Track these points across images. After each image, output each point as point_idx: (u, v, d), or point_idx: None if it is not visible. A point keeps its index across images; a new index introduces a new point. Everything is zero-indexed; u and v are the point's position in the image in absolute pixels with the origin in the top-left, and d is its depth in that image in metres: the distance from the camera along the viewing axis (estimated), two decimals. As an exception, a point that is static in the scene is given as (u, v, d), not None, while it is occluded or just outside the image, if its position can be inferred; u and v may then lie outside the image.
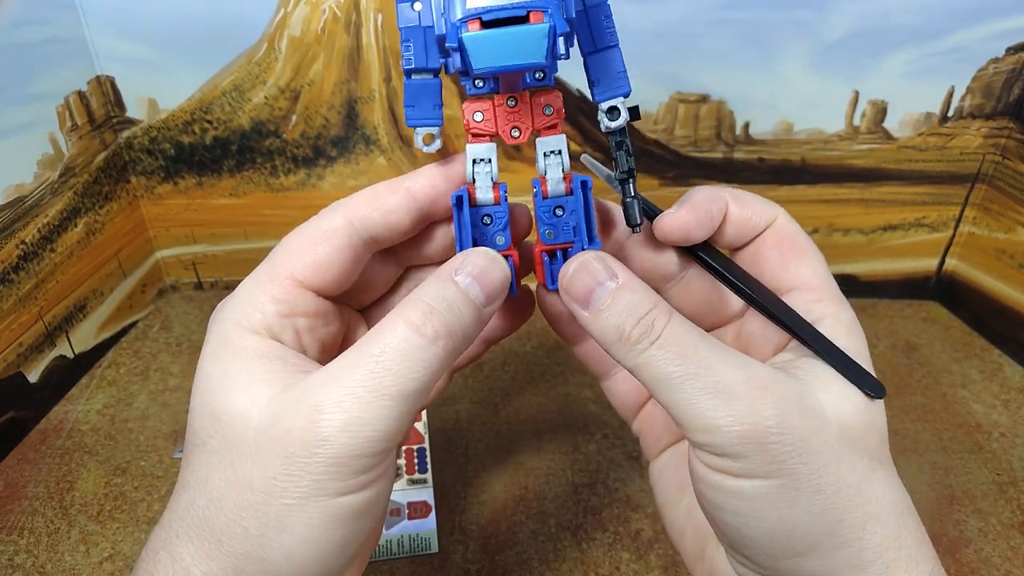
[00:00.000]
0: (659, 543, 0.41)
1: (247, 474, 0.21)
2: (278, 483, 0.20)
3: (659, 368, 0.22)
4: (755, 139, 0.57)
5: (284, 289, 0.24)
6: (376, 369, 0.21)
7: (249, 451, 0.21)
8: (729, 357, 0.22)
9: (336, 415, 0.20)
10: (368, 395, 0.21)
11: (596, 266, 0.24)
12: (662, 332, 0.22)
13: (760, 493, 0.21)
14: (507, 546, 0.41)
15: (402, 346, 0.21)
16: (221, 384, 0.22)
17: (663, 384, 0.22)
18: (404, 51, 0.24)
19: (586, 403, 0.52)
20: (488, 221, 0.26)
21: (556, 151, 0.26)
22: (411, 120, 0.25)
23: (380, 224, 0.25)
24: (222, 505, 0.21)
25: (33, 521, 0.42)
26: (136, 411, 0.51)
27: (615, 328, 0.23)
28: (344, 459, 0.20)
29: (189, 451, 0.23)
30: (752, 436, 0.21)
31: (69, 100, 0.52)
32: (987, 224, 0.58)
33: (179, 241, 0.63)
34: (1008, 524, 0.42)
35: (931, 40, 0.52)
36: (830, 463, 0.22)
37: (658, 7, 0.51)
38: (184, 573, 0.21)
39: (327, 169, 0.59)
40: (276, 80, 0.55)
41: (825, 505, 0.21)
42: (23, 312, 0.49)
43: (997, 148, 0.56)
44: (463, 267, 0.23)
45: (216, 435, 0.22)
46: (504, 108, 0.25)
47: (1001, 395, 0.52)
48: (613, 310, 0.23)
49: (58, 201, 0.51)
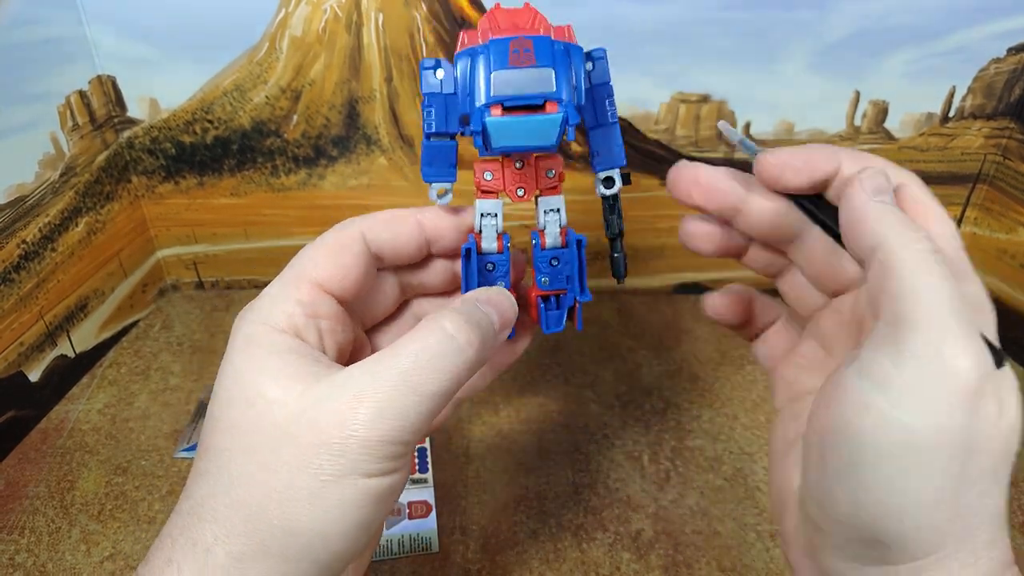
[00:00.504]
0: (659, 543, 0.41)
1: (282, 454, 0.22)
2: (314, 462, 0.22)
3: (933, 262, 0.20)
4: (756, 139, 0.57)
5: (308, 292, 0.26)
6: (412, 367, 0.23)
7: (284, 433, 0.22)
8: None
9: (373, 404, 0.22)
10: (404, 389, 0.22)
11: (883, 181, 0.23)
12: (929, 238, 0.21)
13: (913, 446, 0.19)
14: (507, 546, 0.41)
15: (438, 348, 0.23)
16: (253, 375, 0.24)
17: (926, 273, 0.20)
18: (426, 115, 0.26)
19: (586, 403, 0.52)
20: (491, 267, 0.29)
21: (555, 209, 0.28)
22: (428, 177, 0.28)
23: (389, 244, 0.28)
24: (253, 483, 0.22)
25: (34, 520, 0.42)
26: (137, 411, 0.51)
27: (900, 218, 0.22)
28: (377, 444, 0.22)
29: (212, 440, 0.24)
30: (967, 386, 0.19)
31: (70, 100, 0.52)
32: (988, 224, 0.58)
33: (180, 241, 0.63)
34: (1008, 524, 0.42)
35: (932, 40, 0.52)
36: (989, 446, 0.20)
37: (659, 7, 0.51)
38: (205, 554, 0.22)
39: (328, 169, 0.59)
40: (277, 80, 0.55)
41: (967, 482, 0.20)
42: (24, 311, 0.49)
43: (998, 148, 0.56)
44: (483, 297, 0.26)
45: (248, 420, 0.23)
46: (512, 170, 0.28)
47: (1002, 395, 0.52)
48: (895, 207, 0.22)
49: (59, 200, 0.51)
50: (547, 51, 0.23)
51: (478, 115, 0.24)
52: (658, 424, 0.50)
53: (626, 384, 0.54)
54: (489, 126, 0.23)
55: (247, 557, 0.22)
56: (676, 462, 0.46)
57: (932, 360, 0.19)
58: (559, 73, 0.24)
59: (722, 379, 0.54)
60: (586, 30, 0.55)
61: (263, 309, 0.26)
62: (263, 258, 0.64)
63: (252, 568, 0.22)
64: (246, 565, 0.22)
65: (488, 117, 0.23)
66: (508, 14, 0.25)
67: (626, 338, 0.59)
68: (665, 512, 0.43)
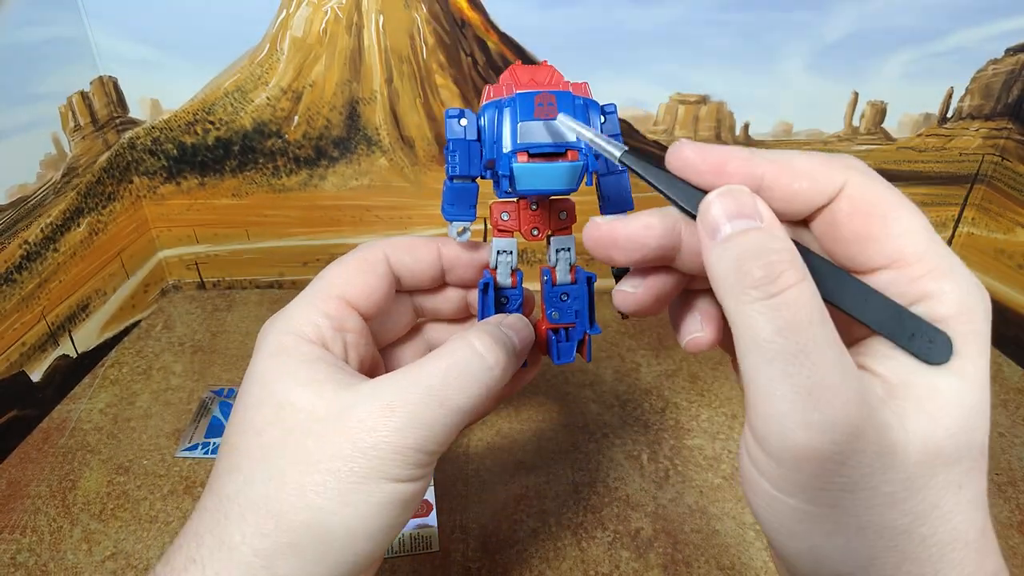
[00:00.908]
0: (658, 542, 0.41)
1: (313, 454, 0.23)
2: (346, 463, 0.23)
3: (758, 328, 0.19)
4: (755, 140, 0.57)
5: (335, 306, 0.27)
6: (443, 382, 0.24)
7: (316, 434, 0.23)
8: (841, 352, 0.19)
9: (404, 413, 0.23)
10: (433, 402, 0.24)
11: (747, 199, 0.20)
12: (786, 290, 0.19)
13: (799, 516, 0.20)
14: (507, 544, 0.41)
15: (466, 366, 0.24)
16: (284, 381, 0.24)
17: (754, 347, 0.19)
18: (450, 159, 0.28)
19: (586, 403, 0.52)
20: (505, 301, 0.30)
21: (567, 248, 0.30)
22: (449, 216, 0.29)
23: (409, 268, 0.30)
24: (284, 480, 0.23)
25: (36, 520, 0.42)
26: (138, 410, 0.51)
27: (736, 261, 0.20)
28: (407, 451, 0.23)
29: (239, 440, 0.24)
30: (812, 455, 0.19)
31: (72, 100, 0.52)
32: (986, 224, 0.58)
33: (181, 241, 0.63)
34: (1007, 524, 0.42)
35: (930, 41, 0.52)
36: (880, 506, 0.19)
37: (658, 7, 0.51)
38: (230, 552, 0.22)
39: (329, 170, 0.59)
40: (278, 81, 0.55)
41: (861, 544, 0.20)
42: (26, 312, 0.49)
43: (996, 149, 0.56)
44: (506, 322, 0.28)
45: (278, 423, 0.24)
46: (527, 211, 0.29)
47: (1000, 395, 0.52)
48: (739, 243, 0.20)
49: (61, 201, 0.51)
50: (568, 105, 0.26)
51: (505, 160, 0.26)
52: (657, 423, 0.50)
53: (625, 384, 0.54)
54: (516, 171, 0.25)
55: (275, 555, 0.22)
56: (675, 461, 0.47)
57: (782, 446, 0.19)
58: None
59: (721, 378, 0.54)
60: (586, 31, 0.55)
61: (291, 319, 0.26)
62: (264, 258, 0.64)
63: (280, 566, 0.22)
64: (274, 563, 0.22)
65: (515, 163, 0.25)
66: (528, 71, 0.27)
67: (626, 338, 0.59)
68: (664, 511, 0.43)
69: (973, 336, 0.20)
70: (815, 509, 0.19)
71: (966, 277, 0.20)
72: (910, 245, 0.20)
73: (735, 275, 0.20)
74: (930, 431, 0.19)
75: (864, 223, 0.21)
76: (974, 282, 0.21)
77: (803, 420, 0.18)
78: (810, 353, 0.18)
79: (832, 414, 0.18)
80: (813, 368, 0.18)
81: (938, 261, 0.20)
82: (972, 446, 0.20)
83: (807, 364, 0.18)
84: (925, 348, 0.20)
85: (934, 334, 0.20)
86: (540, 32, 0.53)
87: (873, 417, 0.19)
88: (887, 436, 0.19)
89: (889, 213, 0.21)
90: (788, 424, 0.19)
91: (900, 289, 0.21)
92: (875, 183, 0.21)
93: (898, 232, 0.20)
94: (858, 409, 0.19)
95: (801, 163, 0.21)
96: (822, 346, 0.19)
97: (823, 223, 0.22)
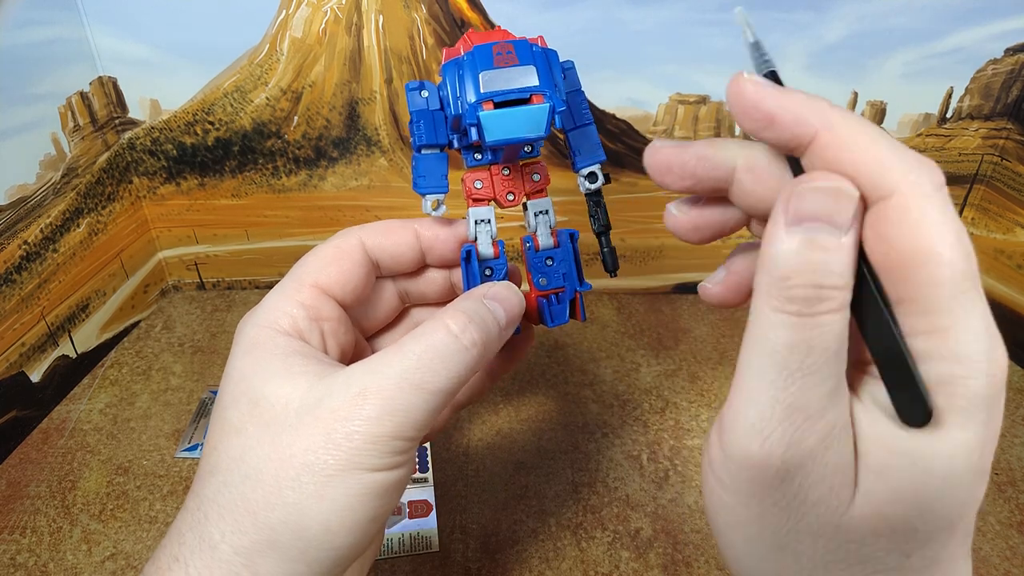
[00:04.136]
0: (658, 542, 0.41)
1: (287, 448, 0.23)
2: (320, 455, 0.22)
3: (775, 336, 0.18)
4: (755, 139, 0.57)
5: (310, 295, 0.27)
6: (417, 365, 0.23)
7: (290, 428, 0.23)
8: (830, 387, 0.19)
9: (379, 400, 0.23)
10: (408, 386, 0.23)
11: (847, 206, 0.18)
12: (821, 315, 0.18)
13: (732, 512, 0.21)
14: (507, 545, 0.41)
15: (441, 347, 0.24)
16: (259, 376, 0.24)
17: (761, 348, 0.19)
18: (415, 130, 0.28)
19: (586, 403, 0.52)
20: (489, 272, 0.29)
21: (544, 211, 0.30)
22: (421, 188, 0.28)
23: (387, 252, 0.29)
24: (260, 478, 0.22)
25: (35, 520, 0.42)
26: (138, 411, 0.51)
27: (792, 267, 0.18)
28: (382, 439, 0.23)
29: (217, 440, 0.24)
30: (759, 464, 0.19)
31: (71, 101, 0.52)
32: (986, 225, 0.58)
33: (181, 241, 0.63)
34: (1007, 524, 0.42)
35: (930, 41, 0.52)
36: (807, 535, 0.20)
37: (658, 7, 0.51)
38: (212, 551, 0.22)
39: (328, 170, 0.59)
40: (278, 81, 0.55)
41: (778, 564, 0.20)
42: (26, 312, 0.49)
43: (996, 149, 0.56)
44: (490, 293, 0.27)
45: (254, 419, 0.23)
46: (500, 176, 0.29)
47: (1000, 395, 0.52)
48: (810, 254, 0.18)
49: (60, 201, 0.51)
50: (527, 52, 0.26)
51: (471, 111, 0.25)
52: (657, 423, 0.50)
53: (625, 384, 0.54)
54: (483, 119, 0.25)
55: (254, 552, 0.22)
56: (675, 461, 0.47)
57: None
58: (540, 69, 0.26)
59: (721, 379, 0.54)
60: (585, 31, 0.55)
61: (266, 312, 0.26)
62: (264, 259, 0.64)
63: (259, 563, 0.22)
64: (253, 560, 0.22)
65: (481, 111, 0.25)
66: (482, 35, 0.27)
67: (625, 338, 0.59)
68: (664, 511, 0.43)
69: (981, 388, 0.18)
70: (745, 511, 0.20)
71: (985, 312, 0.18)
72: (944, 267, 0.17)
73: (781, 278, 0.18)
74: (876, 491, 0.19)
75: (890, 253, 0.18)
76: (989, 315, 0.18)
77: (767, 431, 0.19)
78: (809, 378, 0.18)
79: (795, 437, 0.18)
80: (802, 391, 0.18)
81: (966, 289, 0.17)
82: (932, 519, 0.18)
83: (800, 386, 0.18)
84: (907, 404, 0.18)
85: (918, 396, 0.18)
86: (539, 32, 0.52)
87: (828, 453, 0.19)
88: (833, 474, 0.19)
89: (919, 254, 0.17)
90: (752, 427, 0.19)
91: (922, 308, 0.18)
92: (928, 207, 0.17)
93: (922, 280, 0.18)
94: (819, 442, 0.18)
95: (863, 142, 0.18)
96: (825, 376, 0.18)
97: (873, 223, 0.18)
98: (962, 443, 0.18)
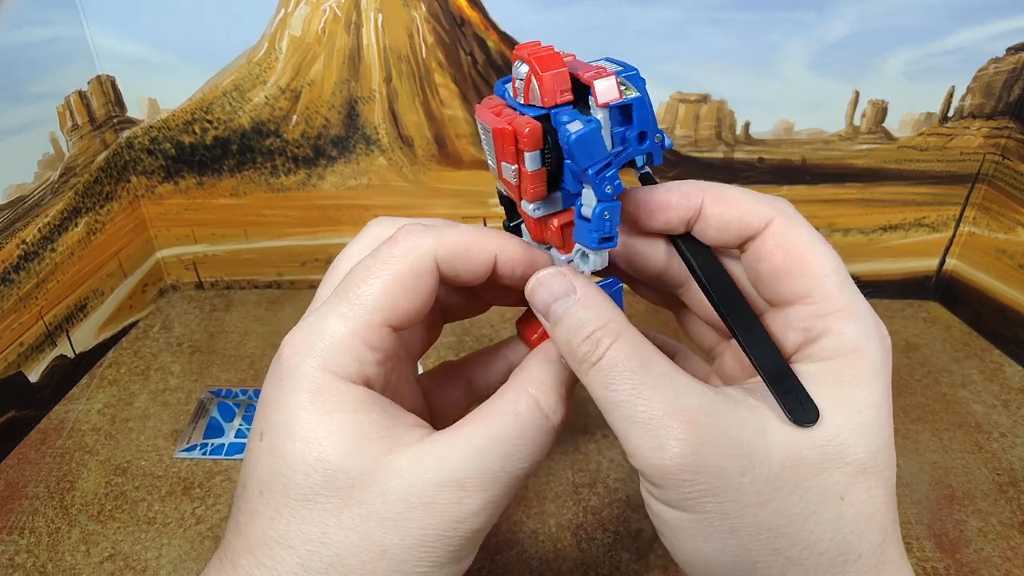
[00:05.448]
0: (659, 543, 0.41)
1: (381, 540, 0.21)
2: (415, 553, 0.21)
3: (596, 391, 0.22)
4: (755, 139, 0.57)
5: (381, 337, 0.23)
6: (512, 452, 0.22)
7: (383, 518, 0.21)
8: (668, 383, 0.22)
9: (479, 496, 0.22)
10: (504, 476, 0.22)
11: (554, 282, 0.23)
12: (604, 354, 0.22)
13: (678, 524, 0.22)
14: (507, 546, 0.41)
15: (534, 430, 0.23)
16: (333, 439, 0.21)
17: (601, 405, 0.22)
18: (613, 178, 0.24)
19: (586, 403, 0.51)
20: None
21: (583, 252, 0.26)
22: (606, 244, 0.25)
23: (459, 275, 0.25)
24: (347, 569, 0.21)
25: (34, 521, 0.42)
26: (137, 411, 0.51)
27: (566, 343, 0.23)
28: (478, 534, 0.22)
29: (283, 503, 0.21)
30: (665, 470, 0.21)
31: (70, 100, 0.52)
32: (987, 224, 0.58)
33: (180, 241, 0.63)
34: (1008, 524, 0.42)
35: (931, 40, 0.52)
36: (751, 505, 0.21)
37: (659, 6, 0.51)
38: None
39: (327, 169, 0.59)
40: (276, 80, 0.55)
41: (739, 547, 0.21)
42: (24, 312, 0.49)
43: (997, 148, 0.56)
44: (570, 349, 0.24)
45: (334, 494, 0.21)
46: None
47: (1001, 395, 0.52)
48: (564, 325, 0.23)
49: (59, 201, 0.51)
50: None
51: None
52: (658, 424, 0.50)
53: (626, 384, 0.54)
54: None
55: None
56: (676, 462, 0.46)
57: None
58: None
59: (721, 379, 0.54)
60: (585, 30, 0.55)
61: (331, 352, 0.22)
62: (263, 258, 0.64)
63: None
64: None
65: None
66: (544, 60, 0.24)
67: (626, 338, 0.59)
68: (665, 512, 0.43)
69: (861, 370, 0.22)
70: (688, 515, 0.22)
71: (867, 319, 0.23)
72: (820, 286, 0.23)
73: (570, 356, 0.23)
74: (792, 439, 0.21)
75: (783, 259, 0.23)
76: (874, 323, 0.23)
77: (649, 445, 0.21)
78: (636, 397, 0.21)
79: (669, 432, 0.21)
80: (643, 406, 0.21)
81: (844, 303, 0.23)
82: (846, 461, 0.21)
83: (637, 405, 0.21)
84: (796, 407, 0.22)
85: (806, 400, 0.22)
86: (540, 31, 0.53)
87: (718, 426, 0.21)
88: (740, 441, 0.21)
89: (805, 254, 0.23)
90: (644, 454, 0.21)
91: (806, 323, 0.23)
92: (797, 225, 0.24)
93: (812, 272, 0.23)
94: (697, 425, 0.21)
95: (733, 195, 0.24)
96: (649, 387, 0.21)
97: (751, 255, 0.25)
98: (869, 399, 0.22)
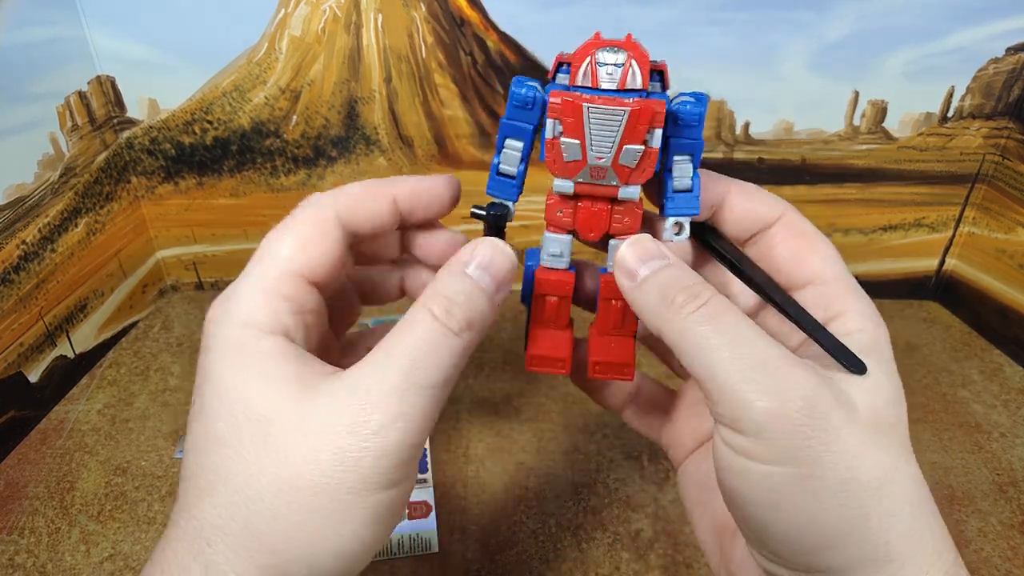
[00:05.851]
0: (659, 543, 0.41)
1: (295, 472, 0.21)
2: (331, 479, 0.21)
3: (699, 334, 0.22)
4: (755, 139, 0.57)
5: (293, 285, 0.24)
6: (412, 364, 0.22)
7: (296, 449, 0.21)
8: (769, 339, 0.22)
9: (384, 410, 0.21)
10: (408, 389, 0.22)
11: (650, 244, 0.25)
12: (708, 300, 0.23)
13: (783, 482, 0.21)
14: (507, 546, 0.41)
15: (431, 339, 0.22)
16: (249, 386, 0.22)
17: (701, 351, 0.22)
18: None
19: (586, 403, 0.51)
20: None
21: None
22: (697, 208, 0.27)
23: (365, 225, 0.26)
24: (268, 504, 0.21)
25: (34, 521, 0.42)
26: (136, 411, 0.51)
27: (661, 292, 0.23)
28: (392, 450, 0.21)
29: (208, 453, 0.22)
30: (781, 414, 0.20)
31: (70, 100, 0.52)
32: (987, 224, 0.58)
33: (180, 241, 0.63)
34: (1008, 524, 0.42)
35: (931, 40, 0.52)
36: (858, 456, 0.21)
37: (658, 6, 0.51)
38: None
39: (327, 169, 0.59)
40: (276, 80, 0.55)
41: (850, 500, 0.21)
42: (24, 312, 0.49)
43: (997, 148, 0.56)
44: (473, 259, 0.24)
45: (251, 435, 0.21)
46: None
47: (1001, 395, 0.52)
48: (659, 278, 0.24)
49: (59, 201, 0.51)
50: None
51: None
52: (657, 424, 0.50)
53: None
54: None
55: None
56: (675, 462, 0.46)
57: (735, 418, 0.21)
58: None
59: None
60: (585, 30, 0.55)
61: (247, 309, 0.23)
62: (263, 258, 0.64)
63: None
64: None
65: None
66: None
67: (625, 338, 0.59)
68: (664, 512, 0.43)
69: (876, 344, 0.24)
70: (796, 470, 0.21)
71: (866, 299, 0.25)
72: (828, 269, 0.25)
73: (663, 303, 0.23)
74: (871, 398, 0.22)
75: (795, 246, 0.26)
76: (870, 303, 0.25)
77: (762, 388, 0.21)
78: (745, 337, 0.22)
79: (785, 376, 0.21)
80: (753, 346, 0.22)
81: (847, 284, 0.25)
82: (901, 423, 0.23)
83: (747, 345, 0.22)
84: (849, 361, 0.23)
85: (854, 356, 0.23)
86: (539, 31, 0.53)
87: (823, 379, 0.22)
88: (843, 392, 0.22)
89: (817, 243, 0.26)
90: (751, 397, 0.21)
91: (822, 303, 0.25)
92: (804, 220, 0.27)
93: (820, 257, 0.26)
94: (806, 372, 0.21)
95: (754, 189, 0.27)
96: (754, 332, 0.22)
97: (761, 245, 0.27)
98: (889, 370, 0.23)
